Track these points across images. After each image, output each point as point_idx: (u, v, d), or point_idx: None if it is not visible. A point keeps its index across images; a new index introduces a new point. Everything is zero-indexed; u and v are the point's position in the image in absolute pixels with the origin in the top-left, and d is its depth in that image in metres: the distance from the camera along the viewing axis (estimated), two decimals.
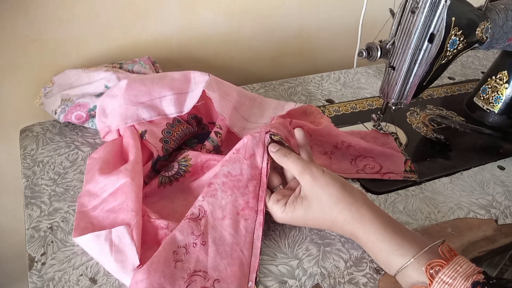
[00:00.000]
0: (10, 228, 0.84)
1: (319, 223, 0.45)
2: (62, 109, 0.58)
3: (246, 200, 0.46)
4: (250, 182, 0.47)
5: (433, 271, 0.36)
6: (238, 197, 0.46)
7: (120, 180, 0.46)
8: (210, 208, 0.45)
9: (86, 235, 0.43)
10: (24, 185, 0.51)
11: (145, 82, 0.55)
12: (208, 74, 0.57)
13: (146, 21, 0.69)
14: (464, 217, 0.53)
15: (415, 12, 0.50)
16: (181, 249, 0.42)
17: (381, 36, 0.57)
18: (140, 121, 0.54)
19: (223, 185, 0.46)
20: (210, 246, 0.43)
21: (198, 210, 0.45)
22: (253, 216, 0.46)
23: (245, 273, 0.43)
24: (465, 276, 0.34)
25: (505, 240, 0.50)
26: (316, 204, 0.43)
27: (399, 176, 0.56)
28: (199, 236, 0.44)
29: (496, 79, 0.69)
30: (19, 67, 0.64)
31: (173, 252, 0.42)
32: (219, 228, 0.45)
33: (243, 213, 0.46)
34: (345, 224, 0.43)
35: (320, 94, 0.76)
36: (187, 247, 0.43)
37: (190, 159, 0.52)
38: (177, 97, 0.55)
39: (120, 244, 0.42)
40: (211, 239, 0.44)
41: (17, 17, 0.59)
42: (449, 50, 0.54)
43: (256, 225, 0.45)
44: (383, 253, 0.41)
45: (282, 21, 0.82)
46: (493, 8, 0.57)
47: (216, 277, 0.41)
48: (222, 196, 0.46)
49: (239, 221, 0.45)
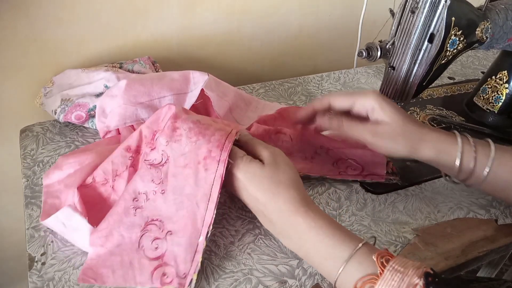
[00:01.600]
0: (10, 228, 0.84)
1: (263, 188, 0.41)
2: (62, 109, 0.58)
3: (210, 148, 0.42)
4: (218, 132, 0.43)
5: (384, 260, 0.35)
6: (202, 144, 0.42)
7: (86, 160, 0.47)
8: (174, 154, 0.43)
9: (48, 219, 0.43)
10: (24, 185, 0.51)
11: (144, 82, 0.55)
12: (207, 74, 0.57)
13: (146, 21, 0.69)
14: (464, 217, 0.53)
15: (415, 12, 0.50)
16: (142, 196, 0.42)
17: (381, 36, 0.57)
18: (139, 121, 0.54)
19: (189, 130, 0.43)
20: (168, 194, 0.42)
21: (161, 156, 0.43)
22: (214, 166, 0.41)
23: (197, 227, 0.41)
24: (415, 267, 0.34)
25: (505, 240, 0.50)
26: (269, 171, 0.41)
27: (381, 178, 0.55)
28: (159, 184, 0.42)
29: (496, 79, 0.69)
30: (19, 67, 0.64)
31: (133, 199, 0.41)
32: (180, 176, 0.42)
33: (204, 162, 0.42)
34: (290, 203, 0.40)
35: (320, 94, 0.76)
36: (147, 193, 0.42)
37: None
38: (176, 97, 0.55)
39: (72, 223, 0.42)
40: (171, 188, 0.42)
41: (17, 17, 0.59)
42: (449, 50, 0.54)
43: (216, 176, 0.41)
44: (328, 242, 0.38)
45: (282, 21, 0.83)
46: (493, 8, 0.57)
47: (170, 228, 0.41)
48: (186, 143, 0.43)
49: (199, 171, 0.42)
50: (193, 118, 0.44)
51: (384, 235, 0.49)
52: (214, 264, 0.44)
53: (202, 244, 0.41)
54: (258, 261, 0.45)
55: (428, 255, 0.47)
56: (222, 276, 0.43)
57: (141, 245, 0.41)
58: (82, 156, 0.47)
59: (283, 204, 0.40)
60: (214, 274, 0.43)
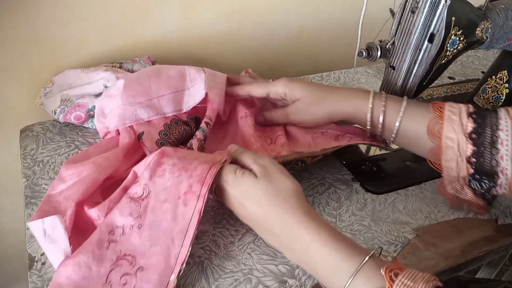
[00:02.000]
0: (10, 228, 0.84)
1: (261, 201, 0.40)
2: (62, 110, 0.58)
3: (191, 183, 0.42)
4: (201, 166, 0.43)
5: (392, 274, 0.34)
6: (184, 179, 0.42)
7: (85, 171, 0.46)
8: (156, 188, 0.43)
9: (33, 221, 0.42)
10: (24, 185, 0.51)
11: (142, 81, 0.55)
12: (203, 69, 0.57)
13: (146, 21, 0.69)
14: (464, 217, 0.53)
15: (415, 12, 0.50)
16: (118, 229, 0.41)
17: (381, 36, 0.57)
18: (138, 121, 0.54)
19: (173, 165, 0.43)
20: (145, 230, 0.41)
21: (142, 189, 0.43)
22: (193, 201, 0.41)
23: (170, 264, 0.40)
24: (425, 280, 0.33)
25: (505, 240, 0.50)
26: (264, 178, 0.41)
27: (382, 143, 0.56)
28: (136, 218, 0.42)
29: (496, 79, 0.69)
30: (19, 67, 0.64)
31: (109, 232, 0.41)
32: (158, 211, 0.42)
33: (184, 197, 0.42)
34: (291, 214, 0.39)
35: None
36: (124, 227, 0.41)
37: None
38: (174, 95, 0.55)
39: (53, 233, 0.41)
40: (148, 223, 0.42)
41: (17, 17, 0.59)
42: (449, 50, 0.54)
43: (194, 211, 0.41)
44: (334, 255, 0.37)
45: (282, 21, 0.83)
46: (493, 8, 0.57)
47: (142, 264, 0.40)
48: (169, 177, 0.43)
49: (178, 206, 0.42)
50: (179, 155, 0.44)
51: (384, 235, 0.49)
52: (214, 264, 0.44)
53: (172, 282, 0.40)
54: (258, 261, 0.45)
55: (428, 255, 0.47)
56: (222, 276, 0.43)
57: (108, 280, 0.39)
58: (81, 167, 0.47)
59: (284, 215, 0.39)
60: (214, 274, 0.43)
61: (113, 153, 0.49)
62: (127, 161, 0.52)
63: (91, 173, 0.46)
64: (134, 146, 0.53)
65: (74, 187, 0.45)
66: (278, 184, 0.41)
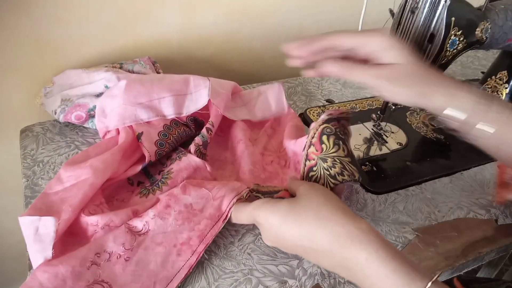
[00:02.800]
0: (10, 228, 0.84)
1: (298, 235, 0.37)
2: (62, 109, 0.58)
3: (190, 236, 0.44)
4: (205, 221, 0.44)
5: None
6: (185, 230, 0.44)
7: (82, 175, 0.46)
8: (155, 229, 0.44)
9: (25, 216, 0.42)
10: (24, 185, 0.51)
11: (144, 83, 0.55)
12: (208, 78, 0.57)
13: (146, 21, 0.69)
14: (464, 217, 0.53)
15: (415, 12, 0.50)
16: (105, 254, 0.41)
17: None
18: (138, 121, 0.54)
19: (179, 213, 0.45)
20: (131, 265, 0.42)
21: (142, 225, 0.44)
22: (187, 255, 0.43)
23: None
24: None
25: (505, 240, 0.50)
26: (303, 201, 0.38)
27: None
28: (127, 250, 0.42)
29: (496, 79, 0.69)
30: (19, 67, 0.64)
31: (95, 253, 0.41)
32: (150, 251, 0.43)
33: (180, 247, 0.43)
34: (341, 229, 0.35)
35: (320, 94, 0.76)
36: (111, 254, 0.42)
37: (172, 173, 0.51)
38: (175, 98, 0.55)
39: (44, 234, 0.41)
40: (136, 259, 0.42)
41: (18, 17, 0.59)
42: (448, 50, 0.54)
43: (185, 265, 0.42)
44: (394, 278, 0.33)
45: (282, 21, 0.83)
46: (493, 8, 0.57)
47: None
48: (172, 224, 0.44)
49: (171, 253, 0.43)
50: (187, 201, 0.45)
51: (385, 235, 0.49)
52: (214, 264, 0.45)
53: None
54: (258, 261, 0.45)
55: (428, 255, 0.47)
56: (222, 276, 0.43)
57: None
58: (79, 170, 0.47)
59: (331, 233, 0.36)
60: (214, 274, 0.44)
61: (110, 155, 0.49)
62: (125, 162, 0.52)
63: (89, 177, 0.46)
64: (132, 146, 0.53)
65: (72, 190, 0.45)
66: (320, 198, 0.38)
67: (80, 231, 0.44)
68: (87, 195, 0.45)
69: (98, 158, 0.48)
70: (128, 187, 0.52)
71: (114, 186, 0.51)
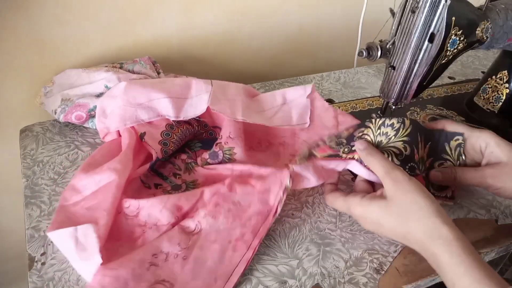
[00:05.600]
0: (10, 228, 0.84)
1: (393, 231, 0.41)
2: (62, 109, 0.58)
3: (244, 232, 0.45)
4: (255, 217, 0.46)
5: None
6: (237, 227, 0.45)
7: (103, 180, 0.46)
8: (207, 228, 0.45)
9: (57, 230, 0.42)
10: (24, 185, 0.51)
11: (145, 84, 0.55)
12: (211, 82, 0.57)
13: (146, 21, 0.69)
14: (464, 217, 0.53)
15: (415, 11, 0.50)
16: (162, 255, 0.42)
17: (381, 36, 0.57)
18: (139, 122, 0.54)
19: (228, 211, 0.46)
20: (189, 263, 0.42)
21: (195, 225, 0.45)
22: (243, 249, 0.44)
23: None
24: None
25: (505, 240, 0.50)
26: (395, 207, 0.40)
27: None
28: (184, 249, 0.43)
29: (496, 78, 0.69)
30: (19, 67, 0.64)
31: (152, 254, 0.41)
32: (206, 249, 0.44)
33: (235, 243, 0.44)
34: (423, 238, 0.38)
35: (320, 93, 0.76)
36: (168, 255, 0.42)
37: (199, 185, 0.52)
38: (175, 100, 0.55)
39: (86, 242, 0.41)
40: (194, 257, 0.43)
41: (18, 17, 0.59)
42: (449, 50, 0.54)
43: (242, 259, 0.43)
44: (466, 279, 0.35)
45: (282, 21, 0.83)
46: (493, 8, 0.57)
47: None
48: (223, 222, 0.45)
49: (227, 249, 0.44)
50: (235, 199, 0.47)
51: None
52: None
53: None
54: (258, 261, 0.45)
55: None
56: None
57: None
58: (96, 176, 0.47)
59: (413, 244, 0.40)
60: None
61: (124, 155, 0.49)
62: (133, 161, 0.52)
63: (113, 179, 0.46)
64: (137, 146, 0.53)
65: (97, 196, 0.45)
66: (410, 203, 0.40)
67: (124, 235, 0.44)
68: (116, 197, 0.45)
69: (115, 160, 0.48)
70: (147, 190, 0.51)
71: (132, 192, 0.50)
